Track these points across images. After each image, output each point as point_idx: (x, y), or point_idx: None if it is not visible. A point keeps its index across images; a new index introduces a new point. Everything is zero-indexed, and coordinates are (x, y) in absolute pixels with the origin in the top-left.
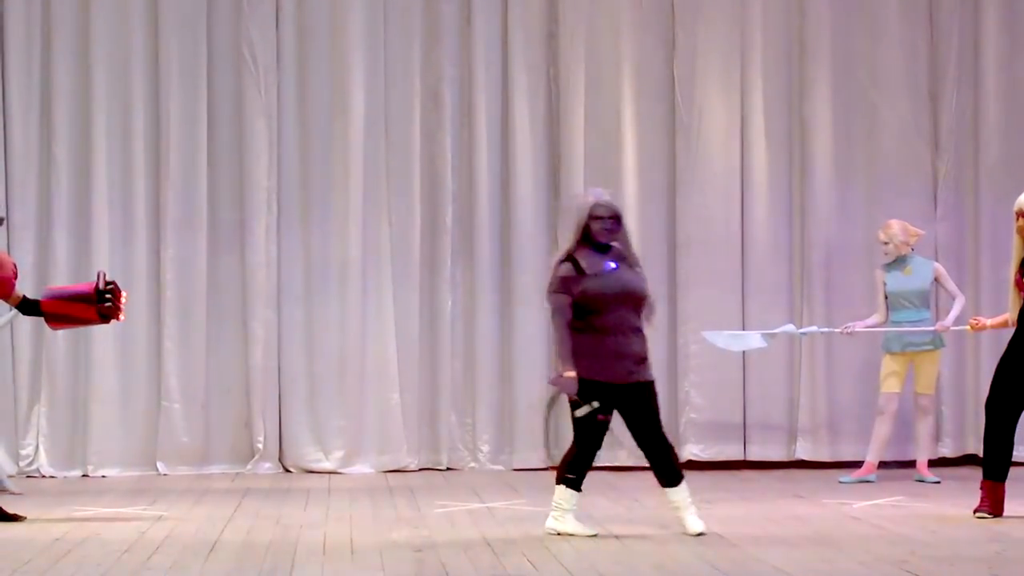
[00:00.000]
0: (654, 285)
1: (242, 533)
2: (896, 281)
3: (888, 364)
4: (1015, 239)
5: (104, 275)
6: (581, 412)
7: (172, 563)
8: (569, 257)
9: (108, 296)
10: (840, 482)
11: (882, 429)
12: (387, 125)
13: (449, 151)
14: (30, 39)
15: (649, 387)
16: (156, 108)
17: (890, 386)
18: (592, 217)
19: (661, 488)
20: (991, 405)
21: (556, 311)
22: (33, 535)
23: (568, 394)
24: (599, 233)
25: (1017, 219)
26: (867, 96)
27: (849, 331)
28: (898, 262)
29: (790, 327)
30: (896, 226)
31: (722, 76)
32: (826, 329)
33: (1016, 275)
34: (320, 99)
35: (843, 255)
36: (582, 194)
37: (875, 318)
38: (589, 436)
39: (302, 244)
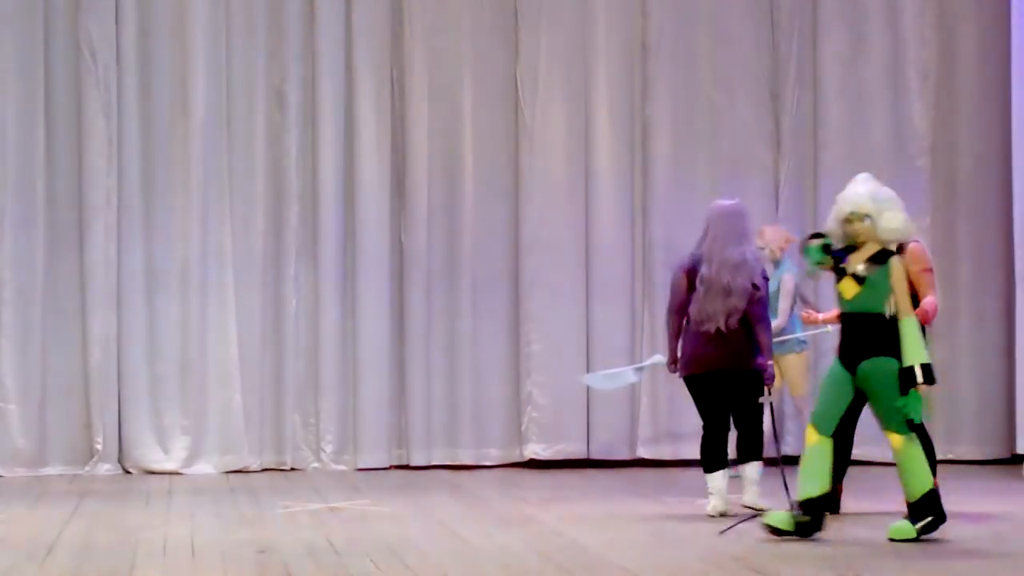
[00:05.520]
0: (496, 287)
1: (80, 535)
2: (771, 286)
3: None
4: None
5: None
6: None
7: (8, 567)
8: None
9: None
10: None
11: None
12: (230, 123)
13: (293, 150)
14: None
15: (741, 375)
16: None
17: None
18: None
19: (735, 465)
20: None
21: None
22: None
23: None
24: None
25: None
26: (708, 97)
27: None
28: (776, 267)
29: (658, 357)
30: (770, 232)
31: (565, 77)
32: None
33: None
34: (161, 97)
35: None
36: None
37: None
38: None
39: (143, 243)
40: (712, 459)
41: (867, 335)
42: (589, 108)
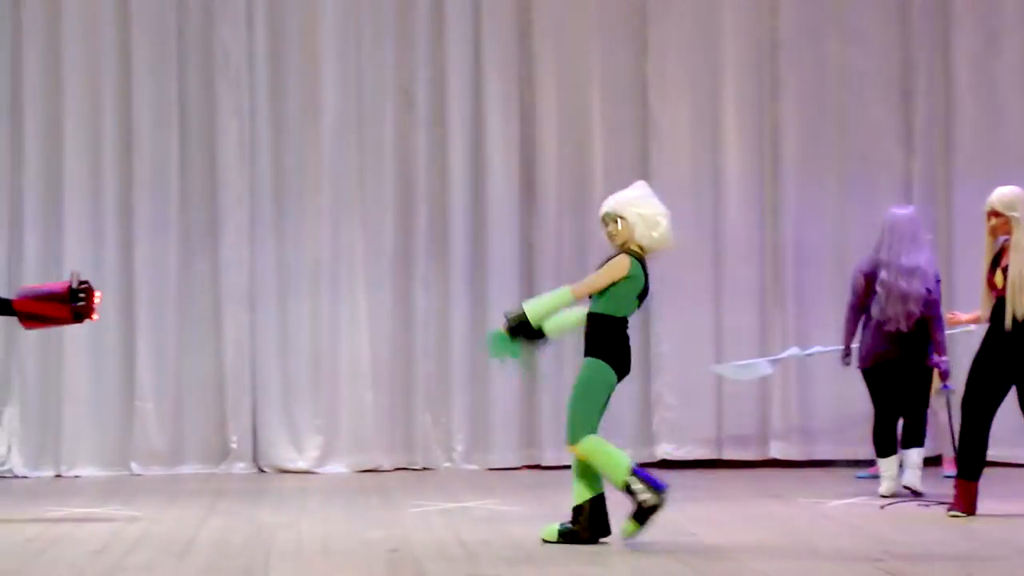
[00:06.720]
0: None
1: (216, 533)
2: None
3: None
4: (986, 238)
5: (78, 274)
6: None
7: (146, 563)
8: (870, 261)
9: (82, 295)
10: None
11: None
12: (359, 125)
13: (422, 151)
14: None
15: (912, 369)
16: (127, 108)
17: None
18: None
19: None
20: (967, 405)
21: None
22: (5, 536)
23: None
24: None
25: (988, 218)
26: (838, 95)
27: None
28: None
29: (795, 350)
30: None
31: (693, 76)
32: (832, 348)
33: (987, 274)
34: (292, 98)
35: (814, 256)
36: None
37: None
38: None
39: (275, 244)
40: (885, 445)
41: (587, 335)
42: (717, 106)
